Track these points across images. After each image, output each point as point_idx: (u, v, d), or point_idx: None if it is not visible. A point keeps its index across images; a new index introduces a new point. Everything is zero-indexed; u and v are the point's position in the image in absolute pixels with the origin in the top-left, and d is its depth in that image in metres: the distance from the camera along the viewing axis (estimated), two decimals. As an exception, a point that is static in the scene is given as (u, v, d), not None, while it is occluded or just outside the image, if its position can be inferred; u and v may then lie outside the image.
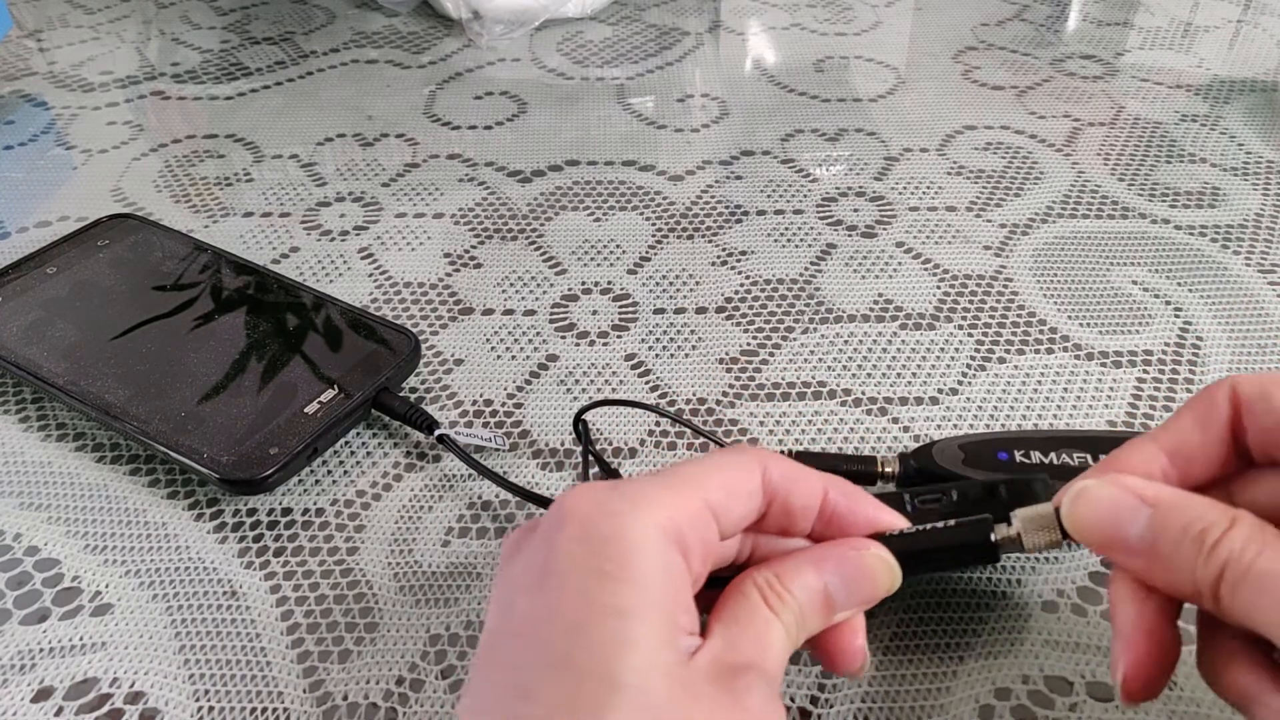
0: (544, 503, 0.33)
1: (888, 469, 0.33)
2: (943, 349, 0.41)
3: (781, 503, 0.23)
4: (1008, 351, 0.41)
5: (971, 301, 0.43)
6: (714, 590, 0.23)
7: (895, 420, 0.37)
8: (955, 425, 0.37)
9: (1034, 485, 0.29)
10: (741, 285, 0.45)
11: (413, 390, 0.39)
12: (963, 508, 0.29)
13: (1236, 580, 0.19)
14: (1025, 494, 0.28)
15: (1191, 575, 0.20)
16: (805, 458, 0.34)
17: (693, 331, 0.42)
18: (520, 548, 0.23)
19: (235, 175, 0.53)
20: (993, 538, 0.24)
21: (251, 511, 0.34)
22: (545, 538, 0.21)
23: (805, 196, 0.51)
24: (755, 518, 0.23)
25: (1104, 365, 0.40)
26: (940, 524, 0.24)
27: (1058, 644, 0.30)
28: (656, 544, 0.20)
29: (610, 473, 0.34)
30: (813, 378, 0.40)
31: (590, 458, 0.35)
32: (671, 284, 0.45)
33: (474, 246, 0.47)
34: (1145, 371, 0.40)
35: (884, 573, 0.23)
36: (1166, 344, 0.41)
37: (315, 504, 0.34)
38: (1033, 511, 0.23)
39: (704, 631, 0.22)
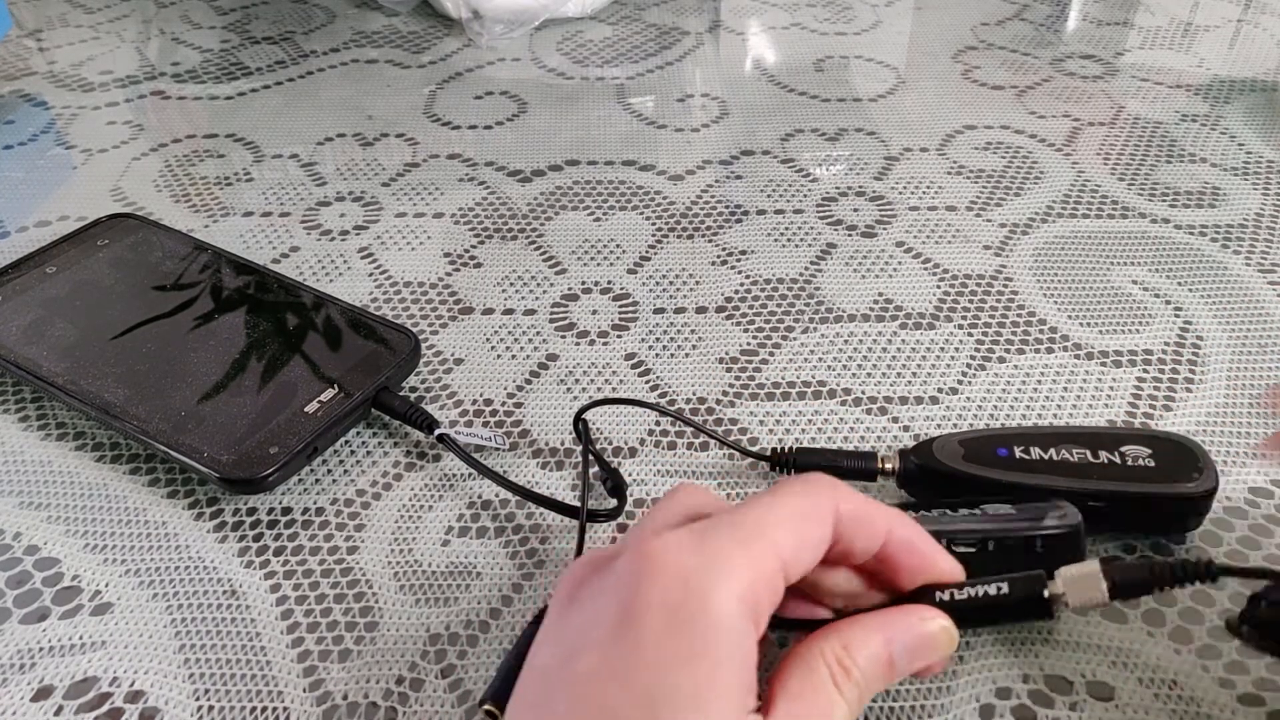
0: (544, 502, 0.33)
1: (888, 465, 0.33)
2: (943, 349, 0.41)
3: (845, 544, 0.23)
4: (1008, 351, 0.41)
5: (971, 301, 0.43)
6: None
7: (895, 420, 0.37)
8: (955, 424, 0.37)
9: (1075, 538, 0.28)
10: (741, 285, 0.45)
11: (413, 390, 0.39)
12: (1001, 559, 0.28)
13: None
14: (1064, 546, 0.28)
15: None
16: (806, 454, 0.34)
17: (693, 331, 0.42)
18: (587, 587, 0.22)
19: (235, 175, 0.53)
20: (1046, 594, 0.24)
21: (251, 511, 0.34)
22: (622, 590, 0.21)
23: (805, 196, 0.51)
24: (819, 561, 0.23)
25: (1104, 365, 0.40)
26: (993, 588, 0.24)
27: (1058, 643, 0.30)
28: (736, 622, 0.20)
29: (611, 472, 0.34)
30: (813, 377, 0.40)
31: (590, 457, 0.35)
32: (671, 284, 0.45)
33: (474, 246, 0.47)
34: (1145, 371, 0.40)
35: (946, 643, 0.24)
36: (1166, 344, 0.41)
37: (315, 503, 0.34)
38: (1078, 572, 0.23)
39: (764, 700, 0.21)
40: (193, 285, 0.42)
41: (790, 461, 0.34)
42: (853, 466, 0.34)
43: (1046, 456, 0.32)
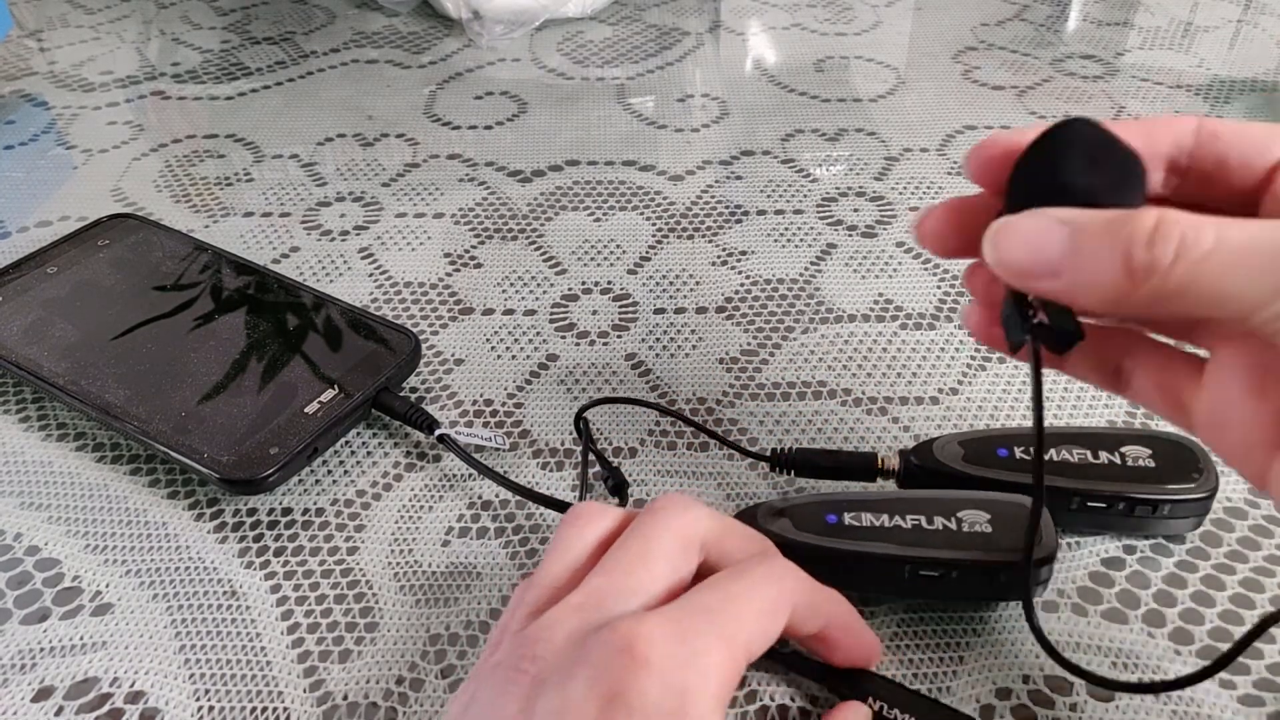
0: (544, 502, 0.33)
1: (888, 465, 0.33)
2: (943, 349, 0.41)
3: (793, 629, 0.25)
4: (1008, 351, 0.41)
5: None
6: None
7: (895, 420, 0.37)
8: (955, 425, 0.37)
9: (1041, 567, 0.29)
10: (741, 285, 0.45)
11: (413, 390, 0.39)
12: (964, 584, 0.29)
13: (1199, 257, 0.19)
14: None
15: (1112, 279, 0.20)
16: (806, 455, 0.34)
17: (693, 331, 0.42)
18: (554, 670, 0.22)
19: (235, 175, 0.53)
20: None
21: (251, 511, 0.34)
22: (603, 683, 0.21)
23: (805, 196, 0.51)
24: None
25: (1104, 365, 0.40)
26: (931, 700, 0.26)
27: (1058, 644, 0.30)
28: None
29: (612, 471, 0.34)
30: (813, 378, 0.40)
31: (591, 456, 0.35)
32: (671, 284, 0.45)
33: (474, 246, 0.47)
34: (1145, 371, 0.39)
35: None
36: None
37: (315, 504, 0.34)
38: None
39: None
40: (193, 285, 0.42)
41: (790, 461, 0.34)
42: (853, 467, 0.34)
43: (1047, 457, 0.32)
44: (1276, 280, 0.18)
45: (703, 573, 0.25)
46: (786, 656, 0.28)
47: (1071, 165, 0.22)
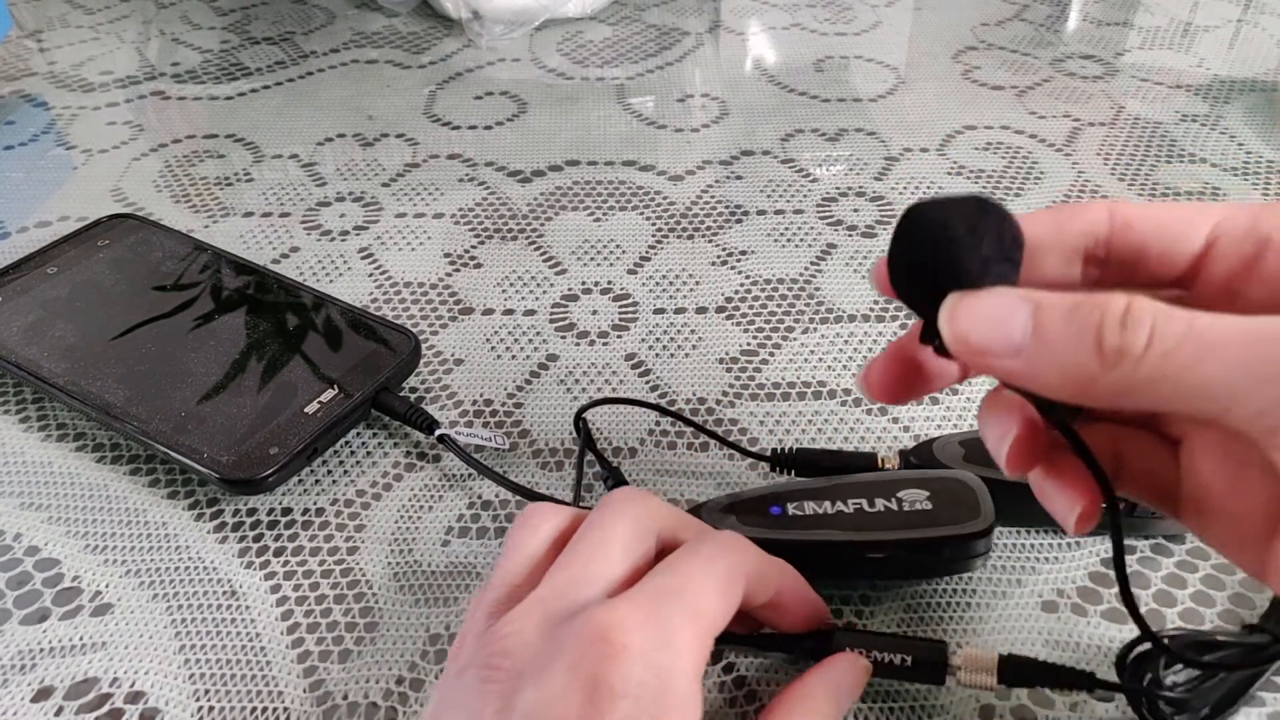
0: (545, 501, 0.33)
1: (888, 466, 0.33)
2: (943, 349, 0.41)
3: (747, 600, 0.25)
4: (1008, 351, 0.41)
5: (971, 301, 0.43)
6: None
7: (895, 420, 0.37)
8: (955, 425, 0.37)
9: (979, 538, 0.29)
10: (741, 285, 0.45)
11: (413, 390, 0.39)
12: (909, 561, 0.30)
13: (1172, 345, 0.17)
14: (969, 549, 0.29)
15: (1078, 359, 0.18)
16: (806, 455, 0.34)
17: (693, 331, 0.42)
18: (532, 663, 0.22)
19: (235, 175, 0.53)
20: (947, 656, 0.26)
21: (251, 511, 0.34)
22: (582, 671, 0.21)
23: (805, 196, 0.51)
24: None
25: (1104, 365, 0.40)
26: (897, 658, 0.27)
27: (1058, 644, 0.30)
28: (692, 698, 0.22)
29: (612, 471, 0.34)
30: (813, 378, 0.40)
31: (590, 456, 0.35)
32: (671, 284, 0.45)
33: (474, 246, 0.47)
34: (1145, 371, 0.39)
35: (865, 675, 0.27)
36: (1167, 344, 0.41)
37: (315, 504, 0.34)
38: (977, 653, 0.26)
39: None
40: (193, 285, 0.42)
41: (790, 461, 0.34)
42: (853, 467, 0.34)
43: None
44: (1259, 374, 0.17)
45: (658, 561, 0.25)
46: (756, 639, 0.28)
47: (963, 237, 0.20)
